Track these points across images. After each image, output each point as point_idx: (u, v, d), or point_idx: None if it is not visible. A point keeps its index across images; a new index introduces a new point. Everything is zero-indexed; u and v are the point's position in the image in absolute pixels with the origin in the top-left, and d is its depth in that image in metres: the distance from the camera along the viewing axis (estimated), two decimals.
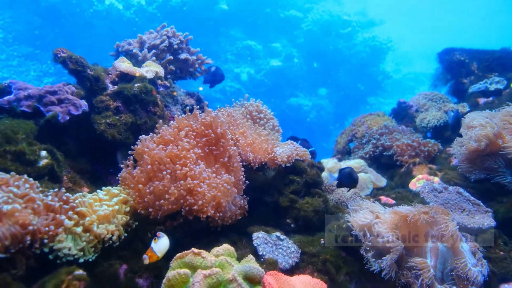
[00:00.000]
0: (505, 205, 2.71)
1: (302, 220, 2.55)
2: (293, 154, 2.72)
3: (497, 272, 2.21)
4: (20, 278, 1.64)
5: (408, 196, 3.16)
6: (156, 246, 1.79)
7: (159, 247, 1.80)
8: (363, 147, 4.38)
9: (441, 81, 5.33)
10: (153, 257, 1.77)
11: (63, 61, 2.66)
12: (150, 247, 1.79)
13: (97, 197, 2.12)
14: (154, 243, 1.80)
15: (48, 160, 2.25)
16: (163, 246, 1.82)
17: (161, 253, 1.80)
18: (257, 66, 15.87)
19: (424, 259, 1.97)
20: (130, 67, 2.98)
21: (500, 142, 2.78)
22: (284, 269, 2.07)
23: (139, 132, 2.74)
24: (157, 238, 1.82)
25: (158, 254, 1.78)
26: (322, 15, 17.01)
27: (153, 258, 1.77)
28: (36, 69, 13.43)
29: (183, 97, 3.51)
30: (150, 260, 1.76)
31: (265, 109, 3.16)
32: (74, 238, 1.83)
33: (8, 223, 1.56)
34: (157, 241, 1.81)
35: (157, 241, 1.81)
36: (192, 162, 2.20)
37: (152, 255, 1.77)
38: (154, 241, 1.81)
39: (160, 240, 1.82)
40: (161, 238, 1.83)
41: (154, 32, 3.60)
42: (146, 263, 1.76)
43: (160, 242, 1.81)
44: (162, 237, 1.83)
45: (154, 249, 1.78)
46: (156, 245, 1.79)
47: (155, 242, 1.80)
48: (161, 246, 1.81)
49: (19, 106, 2.45)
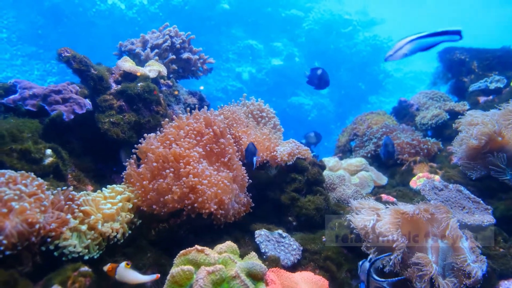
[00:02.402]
0: (505, 203, 2.73)
1: (304, 218, 2.57)
2: (294, 152, 2.75)
3: (497, 269, 2.22)
4: (27, 275, 1.67)
5: (409, 194, 3.18)
6: (122, 270, 1.72)
7: (122, 274, 1.72)
8: (364, 145, 4.39)
9: (441, 80, 5.33)
10: (110, 272, 1.73)
11: (67, 61, 2.69)
12: (118, 265, 1.73)
13: (102, 195, 2.15)
14: (124, 266, 1.73)
15: (53, 158, 2.28)
16: (126, 277, 1.73)
17: (119, 278, 1.72)
18: (259, 65, 15.87)
19: (426, 255, 1.99)
20: (133, 67, 3.00)
21: (500, 140, 2.80)
22: (286, 266, 2.10)
23: (142, 131, 2.77)
24: (129, 265, 1.75)
25: (116, 276, 1.72)
26: (323, 14, 17.01)
27: (110, 272, 1.73)
28: (39, 68, 13.47)
29: (185, 96, 3.53)
30: (107, 270, 1.74)
31: (267, 108, 3.18)
32: (79, 236, 1.86)
33: (15, 221, 1.59)
34: (127, 268, 1.73)
35: (127, 268, 1.73)
36: (195, 161, 2.23)
37: (111, 271, 1.73)
38: (127, 265, 1.73)
39: (128, 271, 1.73)
40: (129, 271, 1.73)
41: (156, 31, 3.62)
42: (104, 269, 1.75)
43: (127, 271, 1.73)
44: (130, 271, 1.74)
45: (117, 270, 1.72)
46: (123, 270, 1.72)
47: (126, 266, 1.73)
48: (124, 275, 1.72)
49: (24, 105, 2.48)
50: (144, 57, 3.38)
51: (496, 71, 4.60)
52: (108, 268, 1.75)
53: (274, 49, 16.28)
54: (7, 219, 1.58)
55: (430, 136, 4.43)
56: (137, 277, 1.73)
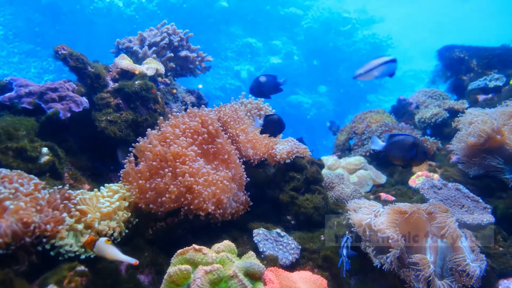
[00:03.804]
0: (504, 201, 2.72)
1: (302, 216, 2.56)
2: (293, 151, 2.73)
3: (496, 268, 2.22)
4: (23, 274, 1.65)
5: (408, 193, 3.17)
6: (102, 244, 1.67)
7: (101, 248, 1.66)
8: (363, 144, 4.38)
9: (441, 78, 5.33)
10: (89, 243, 1.68)
11: (64, 58, 2.67)
12: (98, 239, 1.69)
13: (100, 193, 2.13)
14: (104, 241, 1.67)
15: (49, 157, 2.26)
16: (104, 251, 1.67)
17: (97, 252, 1.68)
18: (257, 63, 15.87)
19: (424, 255, 1.98)
20: (131, 64, 2.98)
21: (499, 138, 2.79)
22: (284, 265, 2.09)
23: (140, 129, 2.75)
24: (110, 241, 1.69)
25: (94, 250, 1.67)
26: (322, 12, 17.01)
27: (88, 245, 1.69)
28: (36, 66, 13.44)
29: (183, 94, 3.52)
30: (85, 242, 1.70)
31: (265, 106, 3.17)
32: (75, 235, 1.84)
33: (10, 220, 1.57)
34: (107, 243, 1.68)
35: (107, 243, 1.68)
36: (191, 160, 2.21)
37: (89, 243, 1.68)
38: (107, 241, 1.68)
39: (108, 246, 1.67)
40: (109, 246, 1.68)
41: (154, 29, 3.60)
42: (82, 240, 1.73)
43: (106, 246, 1.67)
44: (111, 246, 1.68)
45: (96, 244, 1.66)
46: (102, 244, 1.67)
47: (107, 241, 1.68)
48: (103, 249, 1.67)
49: (20, 103, 2.46)
50: (141, 55, 3.36)
51: (496, 69, 4.60)
52: (87, 240, 1.70)
53: (273, 47, 16.27)
54: (1, 218, 1.56)
55: (430, 135, 4.42)
56: (116, 253, 1.67)
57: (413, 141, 2.04)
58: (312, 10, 17.09)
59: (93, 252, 1.69)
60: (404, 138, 2.07)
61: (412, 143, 2.04)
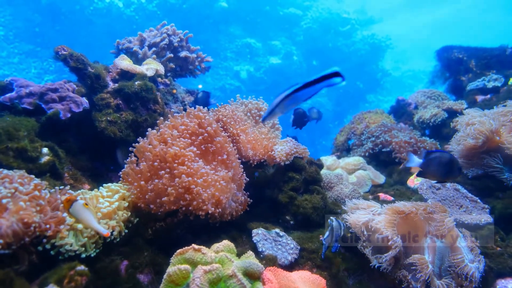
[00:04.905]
0: (502, 201, 2.74)
1: (301, 216, 2.57)
2: (292, 152, 2.74)
3: (494, 268, 2.23)
4: (23, 274, 1.66)
5: (407, 193, 3.18)
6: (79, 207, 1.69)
7: (77, 211, 1.68)
8: (362, 144, 4.39)
9: (439, 79, 5.35)
10: (67, 202, 1.70)
11: (64, 59, 2.68)
12: (77, 201, 1.71)
13: (100, 193, 2.14)
14: (82, 204, 1.71)
15: (50, 157, 2.27)
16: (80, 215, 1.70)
17: (72, 213, 1.70)
18: (257, 63, 15.87)
19: (422, 255, 1.99)
20: (131, 65, 2.99)
21: (498, 139, 2.80)
22: (283, 265, 2.10)
23: (140, 129, 2.76)
24: (88, 206, 1.73)
25: (70, 210, 1.70)
26: (321, 13, 17.04)
27: (65, 204, 1.71)
28: (36, 66, 13.44)
29: (183, 94, 3.53)
30: (63, 201, 1.72)
31: (265, 106, 3.17)
32: (75, 234, 1.85)
33: (11, 220, 1.58)
34: (84, 207, 1.71)
35: (84, 207, 1.71)
36: (190, 160, 2.22)
37: (67, 202, 1.71)
38: (85, 205, 1.72)
39: (85, 210, 1.70)
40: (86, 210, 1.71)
41: (154, 30, 3.61)
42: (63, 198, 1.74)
43: (83, 210, 1.70)
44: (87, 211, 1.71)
45: (73, 205, 1.69)
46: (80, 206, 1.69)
47: (85, 205, 1.72)
48: (79, 212, 1.69)
49: (21, 103, 2.47)
50: (141, 55, 3.37)
51: (494, 70, 4.62)
52: (65, 199, 1.71)
53: (272, 47, 16.28)
54: (2, 218, 1.57)
55: (428, 135, 4.44)
56: (89, 220, 1.70)
57: (449, 158, 2.08)
58: (311, 10, 17.12)
59: (69, 213, 1.71)
60: (441, 155, 2.11)
61: (449, 160, 2.08)
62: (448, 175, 2.15)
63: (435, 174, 2.17)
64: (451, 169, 2.13)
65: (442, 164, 2.13)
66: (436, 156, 2.11)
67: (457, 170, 2.14)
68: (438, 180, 2.25)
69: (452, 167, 2.13)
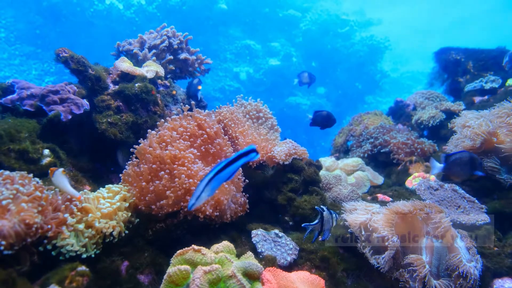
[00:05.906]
0: (499, 202, 2.76)
1: (300, 217, 2.59)
2: (291, 152, 2.76)
3: (491, 267, 2.24)
4: (25, 274, 1.68)
5: (405, 194, 3.19)
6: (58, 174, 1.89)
7: (57, 178, 1.89)
8: (361, 145, 4.42)
9: (437, 80, 5.37)
10: (51, 172, 1.90)
11: (65, 61, 2.69)
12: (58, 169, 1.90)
13: (100, 195, 2.16)
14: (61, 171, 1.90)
15: (51, 158, 2.29)
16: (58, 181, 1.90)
17: (53, 180, 1.90)
18: (256, 65, 15.88)
19: (419, 255, 2.01)
20: (131, 67, 3.01)
21: (495, 140, 2.82)
22: (282, 265, 2.12)
23: (140, 131, 2.78)
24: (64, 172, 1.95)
25: (52, 178, 1.89)
26: (321, 14, 17.05)
27: (50, 172, 1.91)
28: (37, 68, 13.44)
29: (183, 96, 3.54)
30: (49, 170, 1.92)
31: (264, 108, 3.19)
32: (76, 235, 1.87)
33: (13, 221, 1.60)
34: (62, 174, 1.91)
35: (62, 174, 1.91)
36: (190, 162, 2.24)
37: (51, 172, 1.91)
38: (63, 172, 1.92)
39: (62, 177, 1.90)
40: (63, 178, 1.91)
41: (154, 32, 3.63)
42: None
43: (61, 177, 1.90)
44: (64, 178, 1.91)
45: (54, 173, 1.89)
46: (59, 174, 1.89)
47: (63, 172, 1.91)
48: (57, 180, 1.89)
49: (22, 105, 2.49)
50: (141, 57, 3.39)
51: (492, 71, 4.64)
52: (50, 169, 1.91)
53: (271, 49, 16.29)
54: (4, 220, 1.59)
55: (426, 136, 4.46)
56: (64, 185, 1.90)
57: (469, 155, 2.12)
58: (310, 12, 17.14)
59: (52, 181, 1.90)
60: (460, 155, 2.15)
61: (469, 157, 2.12)
62: (473, 171, 2.19)
63: (459, 174, 2.22)
64: (473, 165, 2.16)
65: (464, 163, 2.17)
66: (456, 157, 2.15)
67: (479, 165, 2.16)
68: (464, 179, 2.29)
69: (474, 163, 2.17)
